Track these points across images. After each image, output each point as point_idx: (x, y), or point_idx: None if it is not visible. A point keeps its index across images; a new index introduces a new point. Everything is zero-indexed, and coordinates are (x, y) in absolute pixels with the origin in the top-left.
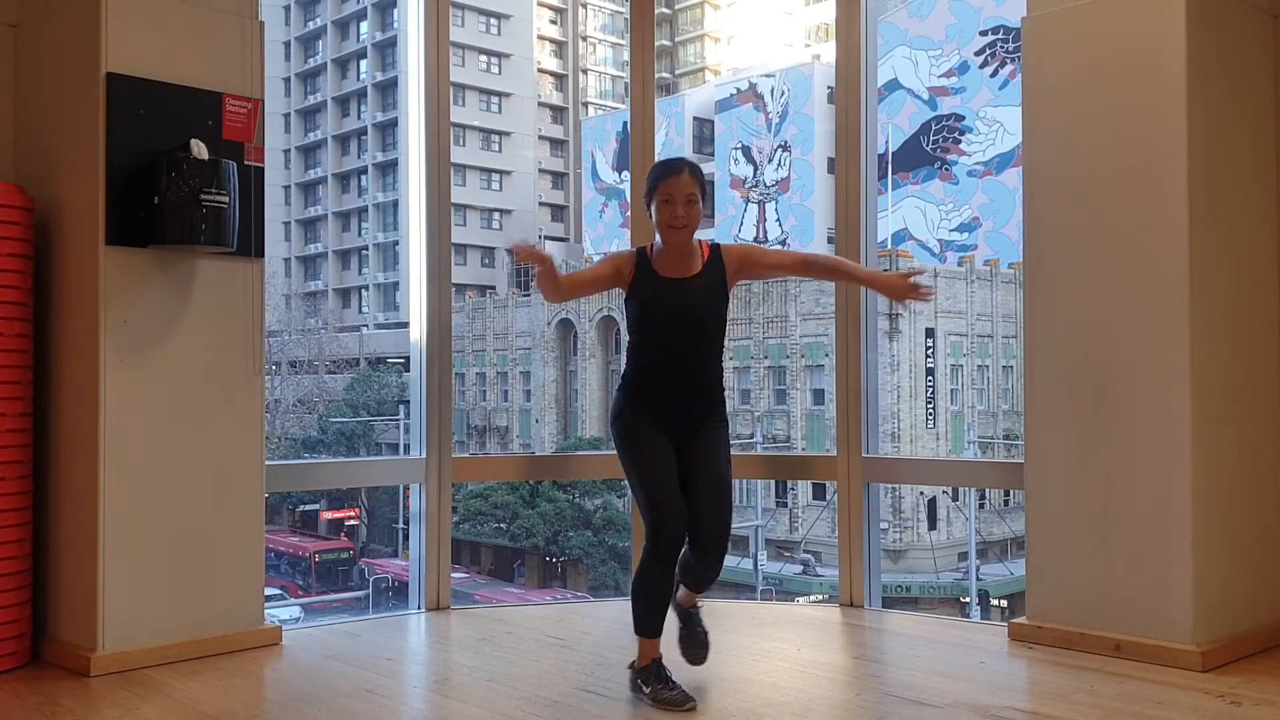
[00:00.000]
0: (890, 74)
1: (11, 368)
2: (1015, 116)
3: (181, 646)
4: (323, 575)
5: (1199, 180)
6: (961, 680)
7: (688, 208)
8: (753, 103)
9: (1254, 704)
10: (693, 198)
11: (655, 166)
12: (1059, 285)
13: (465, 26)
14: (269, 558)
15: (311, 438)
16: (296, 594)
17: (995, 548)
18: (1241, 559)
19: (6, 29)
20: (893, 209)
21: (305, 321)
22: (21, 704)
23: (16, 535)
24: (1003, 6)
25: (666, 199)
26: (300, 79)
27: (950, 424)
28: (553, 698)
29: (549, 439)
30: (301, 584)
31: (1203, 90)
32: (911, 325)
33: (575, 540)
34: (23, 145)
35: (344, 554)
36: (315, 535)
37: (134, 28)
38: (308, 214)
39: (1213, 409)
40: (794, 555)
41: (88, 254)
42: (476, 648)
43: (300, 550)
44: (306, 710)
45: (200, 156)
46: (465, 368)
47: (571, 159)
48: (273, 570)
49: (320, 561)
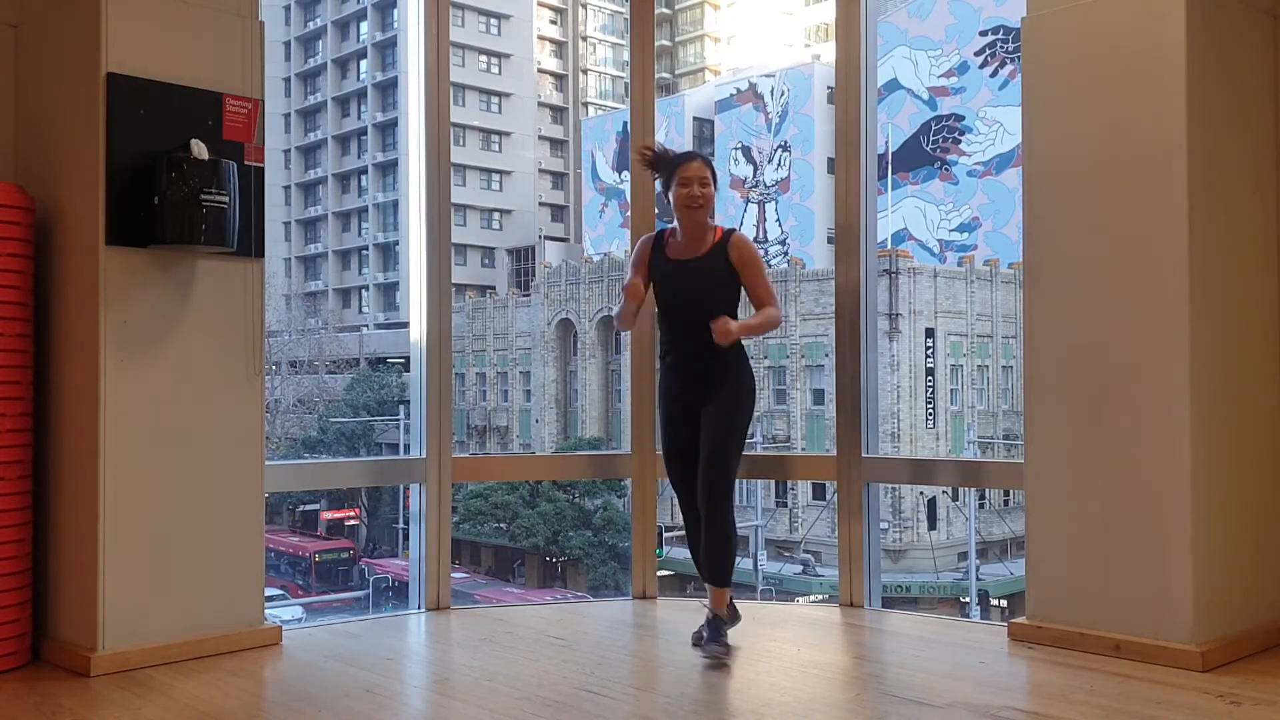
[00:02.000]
0: (890, 74)
1: (11, 368)
2: (1015, 116)
3: (181, 646)
4: (323, 575)
5: (1199, 180)
6: (961, 680)
7: (702, 188)
8: (753, 103)
9: (1254, 704)
10: (705, 180)
11: (670, 156)
12: (1059, 285)
13: (465, 26)
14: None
15: (311, 438)
16: (297, 594)
17: (995, 548)
18: (1241, 559)
19: (6, 29)
20: (893, 209)
21: (305, 321)
22: (21, 704)
23: (16, 535)
24: (1003, 6)
25: (684, 181)
26: (300, 79)
27: (950, 424)
28: (553, 698)
29: (549, 439)
30: (302, 584)
31: (1202, 90)
32: (911, 325)
33: (575, 540)
34: (23, 145)
35: (344, 554)
36: (315, 535)
37: (134, 28)
38: (308, 214)
39: (1213, 409)
40: (794, 555)
41: (88, 254)
42: (476, 648)
43: (300, 550)
44: (306, 710)
45: (200, 156)
46: (465, 368)
47: (571, 159)
48: (273, 570)
49: (320, 561)
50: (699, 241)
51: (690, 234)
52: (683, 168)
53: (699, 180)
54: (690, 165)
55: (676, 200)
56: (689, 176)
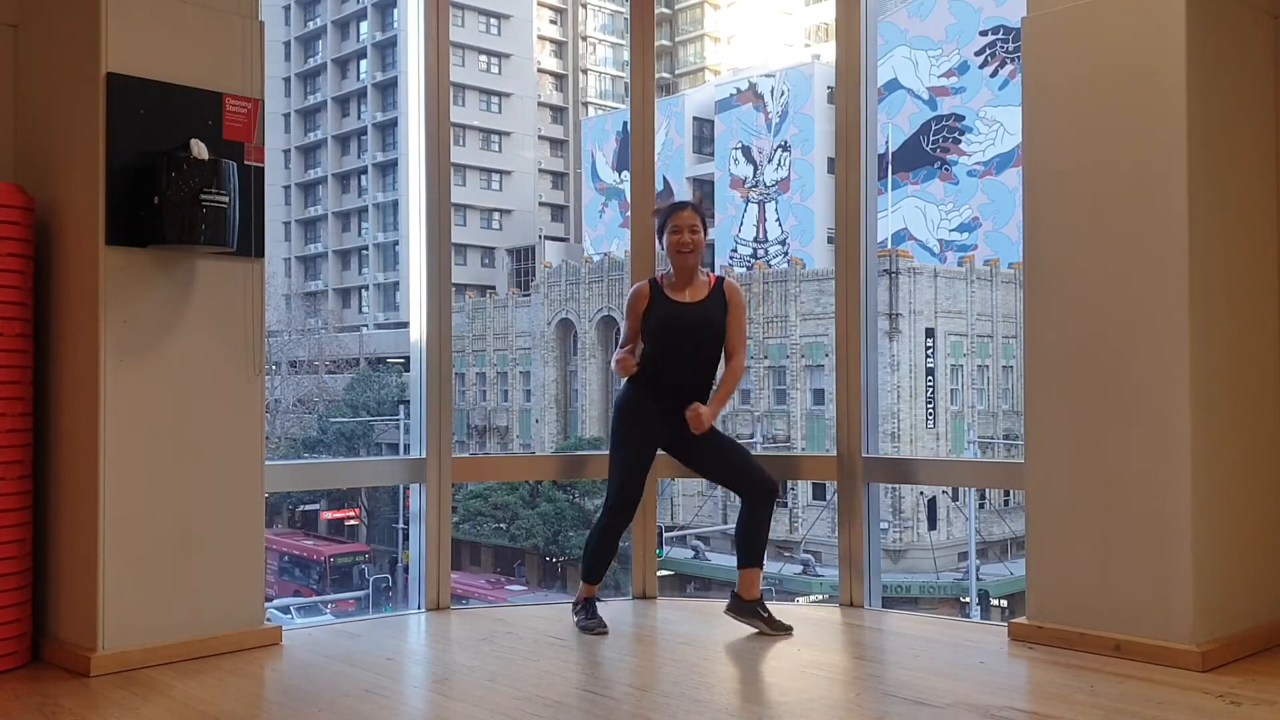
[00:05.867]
0: (890, 74)
1: (11, 368)
2: (1015, 116)
3: (181, 646)
4: (338, 580)
5: (1199, 180)
6: (961, 680)
7: (692, 234)
8: (753, 103)
9: (1254, 704)
10: (695, 228)
11: (664, 207)
12: (1059, 285)
13: (465, 26)
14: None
15: (311, 438)
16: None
17: (995, 548)
18: (1241, 559)
19: (6, 29)
20: (893, 209)
21: (305, 321)
22: (21, 704)
23: (16, 535)
24: (1003, 6)
25: (675, 229)
26: (300, 79)
27: (950, 424)
28: (553, 698)
29: (549, 439)
30: (316, 589)
31: (1203, 90)
32: (911, 325)
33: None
34: (23, 145)
35: (359, 557)
36: (329, 538)
37: (134, 28)
38: (308, 214)
39: (1213, 409)
40: (794, 555)
41: (88, 254)
42: (476, 648)
43: (314, 554)
44: (306, 710)
45: (200, 156)
46: (465, 368)
47: (571, 159)
48: (286, 575)
49: (336, 565)
50: (694, 285)
51: (682, 277)
52: (675, 216)
53: (689, 228)
54: (682, 214)
55: (669, 246)
56: (680, 225)
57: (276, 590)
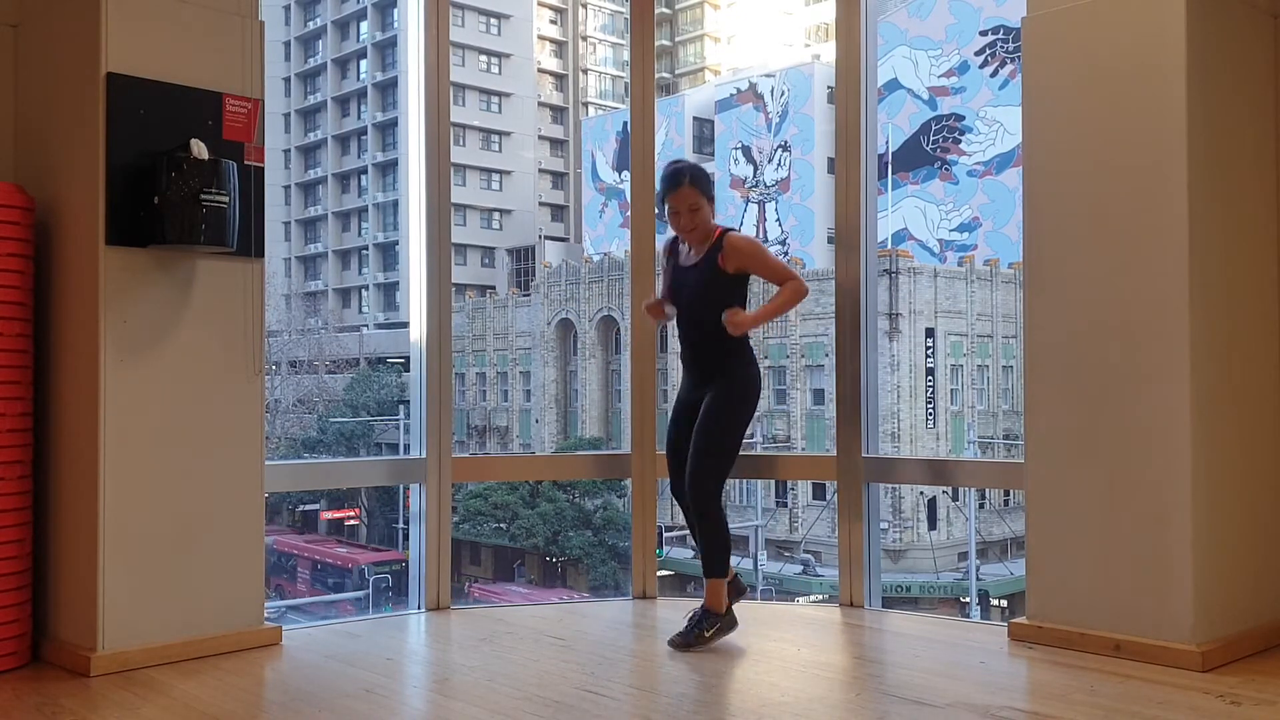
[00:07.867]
0: (890, 74)
1: (11, 368)
2: (1015, 116)
3: (181, 646)
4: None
5: (1199, 180)
6: (961, 680)
7: (691, 215)
8: (753, 103)
9: (1254, 704)
10: (695, 205)
11: (661, 179)
12: (1059, 285)
13: (465, 26)
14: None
15: (311, 438)
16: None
17: (995, 548)
18: (1241, 559)
19: (6, 29)
20: (893, 209)
21: (305, 321)
22: (21, 704)
23: (16, 535)
24: (1003, 6)
25: (674, 210)
26: (300, 79)
27: (950, 424)
28: (553, 698)
29: (549, 439)
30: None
31: (1203, 90)
32: (911, 325)
33: (575, 540)
34: (23, 145)
35: (397, 566)
36: (364, 546)
37: (134, 28)
38: (308, 214)
39: (1213, 409)
40: (794, 555)
41: (88, 254)
42: (476, 648)
43: (348, 562)
44: (306, 710)
45: (200, 156)
46: (465, 368)
47: (571, 159)
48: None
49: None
50: (700, 249)
51: (692, 245)
52: (672, 196)
53: (689, 208)
54: (677, 194)
55: (672, 226)
56: (678, 206)
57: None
